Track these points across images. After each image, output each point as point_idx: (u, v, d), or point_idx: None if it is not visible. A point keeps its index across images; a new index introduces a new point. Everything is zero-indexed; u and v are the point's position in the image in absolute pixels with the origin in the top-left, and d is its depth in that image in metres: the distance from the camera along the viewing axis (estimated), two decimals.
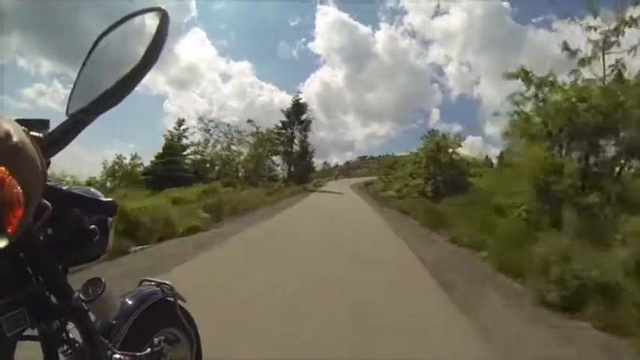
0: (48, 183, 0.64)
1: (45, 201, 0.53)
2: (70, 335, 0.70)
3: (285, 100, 72.40)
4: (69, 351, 0.70)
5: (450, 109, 70.86)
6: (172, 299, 1.08)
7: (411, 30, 79.68)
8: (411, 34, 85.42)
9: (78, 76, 0.61)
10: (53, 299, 0.65)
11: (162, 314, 1.06)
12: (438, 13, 70.84)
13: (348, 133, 73.90)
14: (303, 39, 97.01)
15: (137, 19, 0.57)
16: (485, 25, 68.16)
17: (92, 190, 0.79)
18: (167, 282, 1.10)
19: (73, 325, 0.71)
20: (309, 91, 73.46)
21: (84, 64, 0.61)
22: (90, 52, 0.61)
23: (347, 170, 44.76)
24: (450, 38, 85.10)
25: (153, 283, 1.09)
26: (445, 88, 79.27)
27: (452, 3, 70.98)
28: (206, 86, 72.23)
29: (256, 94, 68.51)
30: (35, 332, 0.65)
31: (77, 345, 0.70)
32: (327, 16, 72.56)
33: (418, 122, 72.39)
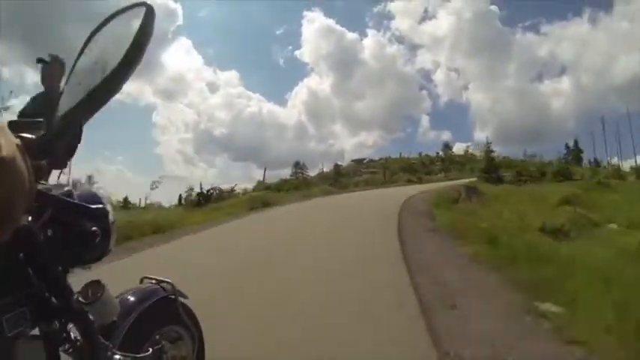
0: (43, 185, 0.63)
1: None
2: (72, 334, 0.70)
3: (273, 110, 72.14)
4: (70, 350, 0.70)
5: (440, 116, 70.57)
6: (173, 297, 1.07)
7: (398, 35, 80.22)
8: (399, 40, 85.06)
9: (69, 76, 0.61)
10: (53, 300, 0.65)
11: (163, 312, 1.05)
12: (425, 17, 70.58)
13: (337, 142, 73.07)
14: (290, 47, 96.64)
15: (126, 16, 0.56)
16: (473, 30, 68.09)
17: (96, 193, 0.79)
18: (168, 279, 1.09)
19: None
20: (297, 100, 72.85)
21: (75, 63, 0.61)
22: (81, 51, 0.61)
23: (335, 179, 30.15)
24: (438, 43, 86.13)
25: (153, 281, 1.09)
26: (434, 95, 79.06)
27: (440, 7, 70.50)
28: (194, 97, 72.20)
29: (244, 104, 68.19)
30: (36, 332, 0.65)
31: (78, 344, 0.71)
32: (313, 23, 71.97)
33: (407, 130, 72.98)
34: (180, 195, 16.87)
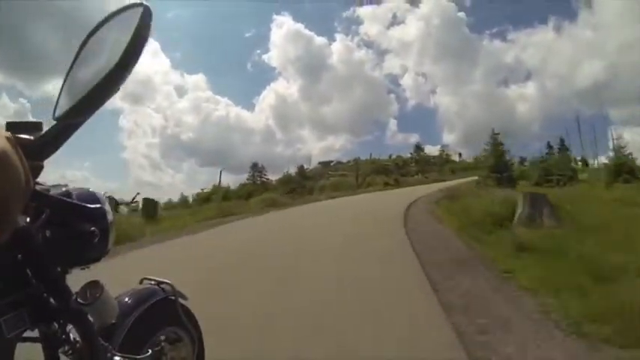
0: (41, 186, 0.63)
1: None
2: (71, 336, 0.70)
3: (241, 115, 69.26)
4: (70, 351, 0.70)
5: (407, 120, 70.23)
6: (173, 298, 1.07)
7: (367, 40, 78.86)
8: (367, 45, 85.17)
9: (65, 79, 0.60)
10: (52, 301, 0.65)
11: (163, 314, 1.05)
12: (394, 22, 71.49)
13: (304, 147, 73.00)
14: (258, 51, 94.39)
15: (123, 17, 0.56)
16: (441, 35, 69.63)
17: (94, 192, 0.78)
18: (167, 280, 1.09)
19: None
20: (264, 104, 69.39)
21: (71, 65, 0.60)
22: (78, 52, 0.61)
23: (300, 183, 26.45)
24: (406, 48, 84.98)
25: (153, 282, 1.08)
26: (402, 98, 79.69)
27: (408, 12, 72.26)
28: (161, 101, 70.03)
29: (212, 108, 66.28)
30: (35, 333, 0.66)
31: (78, 345, 0.70)
32: (282, 27, 71.36)
33: (374, 134, 73.60)
34: None
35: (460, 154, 41.37)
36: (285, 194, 21.88)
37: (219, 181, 22.98)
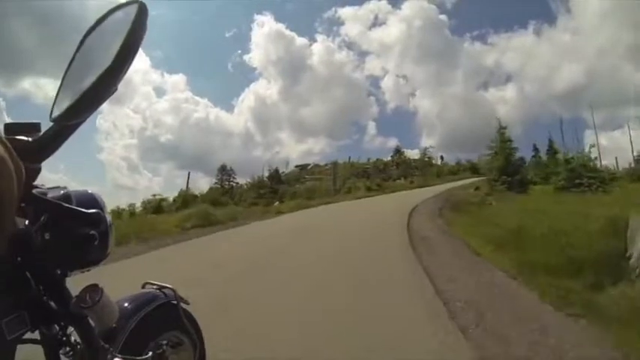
0: (39, 189, 0.63)
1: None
2: (72, 338, 0.70)
3: (220, 116, 68.96)
4: (70, 353, 0.70)
5: (387, 123, 70.00)
6: (175, 302, 1.07)
7: (348, 41, 79.76)
8: (348, 46, 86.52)
9: (63, 79, 0.60)
10: (52, 304, 0.65)
11: (165, 318, 1.06)
12: (375, 24, 72.45)
13: (283, 150, 72.48)
14: (239, 51, 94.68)
15: (119, 14, 0.56)
16: (422, 37, 70.92)
17: (93, 195, 0.77)
18: (169, 285, 1.10)
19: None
20: (244, 106, 69.48)
21: (68, 66, 0.60)
22: (76, 52, 0.60)
23: (272, 188, 24.02)
24: (387, 50, 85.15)
25: (155, 287, 1.09)
26: (381, 101, 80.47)
27: (390, 14, 73.52)
28: (140, 101, 68.99)
29: (191, 109, 65.56)
30: (36, 335, 0.66)
31: (78, 347, 0.70)
32: (263, 27, 71.18)
33: (353, 137, 71.28)
34: None
35: (442, 157, 40.76)
36: (255, 198, 20.04)
37: (187, 184, 21.04)
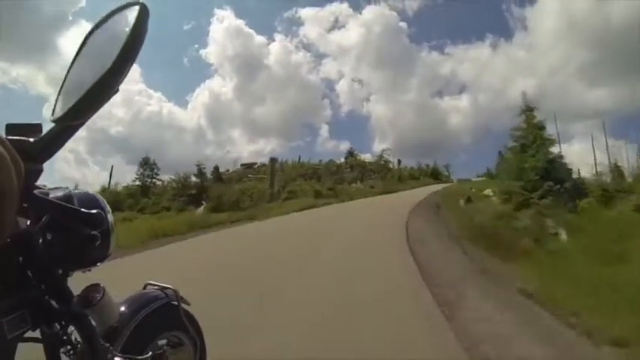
0: (40, 190, 0.63)
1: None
2: (72, 337, 0.71)
3: (173, 111, 66.02)
4: (71, 352, 0.71)
5: (340, 126, 70.60)
6: (176, 303, 1.08)
7: (306, 42, 79.47)
8: (306, 47, 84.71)
9: (64, 80, 0.60)
10: (54, 303, 0.66)
11: (165, 318, 1.07)
12: (335, 26, 73.38)
13: (234, 149, 70.48)
14: (196, 45, 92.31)
15: (120, 15, 0.57)
16: (381, 43, 72.68)
17: (94, 196, 0.78)
18: (170, 286, 1.11)
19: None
20: (197, 102, 67.15)
21: (70, 66, 0.60)
22: (77, 52, 0.60)
23: (200, 188, 18.11)
24: (344, 53, 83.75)
25: (156, 287, 1.11)
26: (336, 104, 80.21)
27: (350, 18, 74.30)
28: None
29: (144, 102, 62.50)
30: (37, 334, 0.67)
31: (79, 346, 0.71)
32: (222, 23, 69.28)
33: (306, 139, 70.80)
34: None
35: (399, 161, 37.29)
36: (169, 201, 16.73)
37: (109, 181, 18.64)
